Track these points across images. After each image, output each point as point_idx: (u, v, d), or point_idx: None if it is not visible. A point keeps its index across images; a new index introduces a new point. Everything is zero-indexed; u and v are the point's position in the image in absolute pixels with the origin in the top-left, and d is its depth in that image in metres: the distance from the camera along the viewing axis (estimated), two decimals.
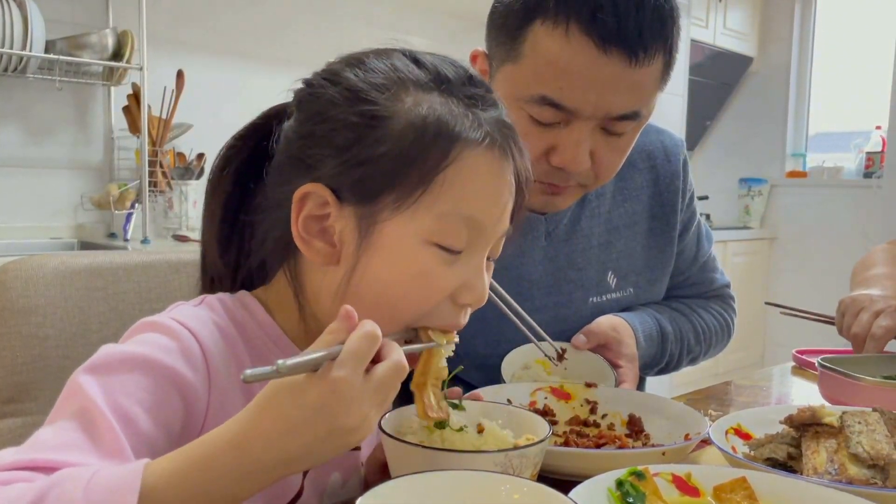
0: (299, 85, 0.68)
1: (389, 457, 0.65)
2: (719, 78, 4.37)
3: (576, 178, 0.94)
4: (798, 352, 1.20)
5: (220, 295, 0.69)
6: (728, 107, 4.60)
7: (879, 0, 4.00)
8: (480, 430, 0.66)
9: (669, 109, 3.65)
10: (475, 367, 1.06)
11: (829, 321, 1.25)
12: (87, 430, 0.53)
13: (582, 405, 0.91)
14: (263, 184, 0.68)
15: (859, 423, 0.69)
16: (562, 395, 0.93)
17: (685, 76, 3.82)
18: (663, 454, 0.72)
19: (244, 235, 0.71)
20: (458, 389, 0.76)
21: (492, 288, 0.91)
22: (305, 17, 2.99)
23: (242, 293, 0.70)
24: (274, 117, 0.69)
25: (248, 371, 0.47)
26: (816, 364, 0.96)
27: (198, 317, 0.64)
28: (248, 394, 0.65)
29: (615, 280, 1.10)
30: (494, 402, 0.76)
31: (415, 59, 0.66)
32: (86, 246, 2.40)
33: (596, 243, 1.09)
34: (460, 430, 0.64)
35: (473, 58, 0.99)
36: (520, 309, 0.93)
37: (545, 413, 0.88)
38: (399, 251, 0.62)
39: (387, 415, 0.66)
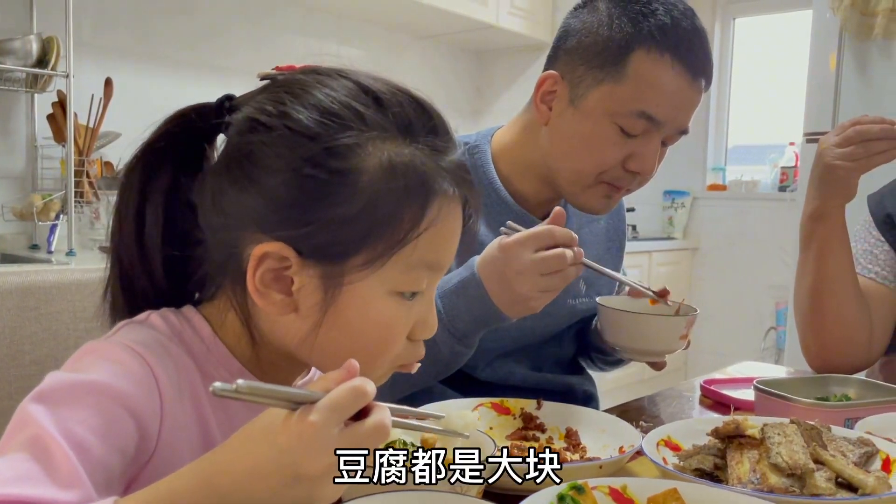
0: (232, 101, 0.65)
1: None
2: None
3: (634, 182, 1.12)
4: (706, 382, 1.26)
5: (164, 311, 0.67)
6: None
7: (792, 22, 4.23)
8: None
9: None
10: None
11: None
12: (41, 459, 0.52)
13: (516, 419, 0.96)
14: (193, 205, 0.66)
15: (778, 434, 0.75)
16: (502, 409, 0.96)
17: None
18: (600, 467, 0.76)
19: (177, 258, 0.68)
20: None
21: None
22: (240, 25, 2.95)
23: (188, 309, 0.68)
24: (195, 125, 0.66)
25: (217, 384, 0.45)
26: (753, 387, 1.01)
27: (144, 339, 0.63)
28: (201, 416, 0.64)
29: (585, 287, 1.24)
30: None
31: (374, 98, 0.62)
32: (7, 258, 2.31)
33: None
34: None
35: (542, 81, 1.12)
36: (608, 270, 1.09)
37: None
38: (365, 306, 0.62)
39: None
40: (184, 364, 0.64)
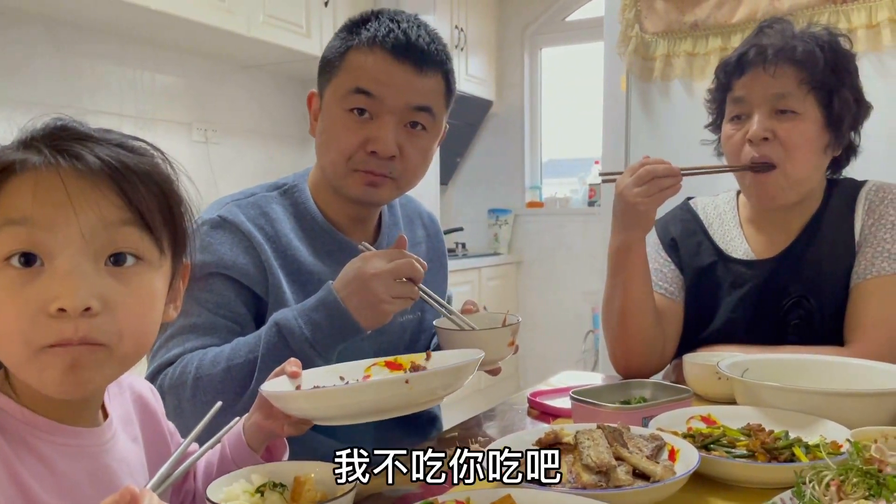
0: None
1: None
2: (465, 119, 4.79)
3: (388, 168, 1.24)
4: (532, 394, 1.42)
5: None
6: (474, 145, 5.05)
7: (589, 51, 4.66)
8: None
9: None
10: None
11: None
12: None
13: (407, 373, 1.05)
14: None
15: (588, 439, 0.90)
16: (395, 366, 1.07)
17: None
18: (406, 382, 0.83)
19: None
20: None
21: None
22: (48, 55, 2.81)
23: None
24: None
25: None
26: (569, 397, 1.16)
27: None
28: (13, 474, 0.67)
29: (411, 303, 1.34)
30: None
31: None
32: None
33: None
34: (280, 492, 0.74)
35: (308, 101, 1.32)
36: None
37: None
38: None
39: (212, 483, 0.74)
40: None
